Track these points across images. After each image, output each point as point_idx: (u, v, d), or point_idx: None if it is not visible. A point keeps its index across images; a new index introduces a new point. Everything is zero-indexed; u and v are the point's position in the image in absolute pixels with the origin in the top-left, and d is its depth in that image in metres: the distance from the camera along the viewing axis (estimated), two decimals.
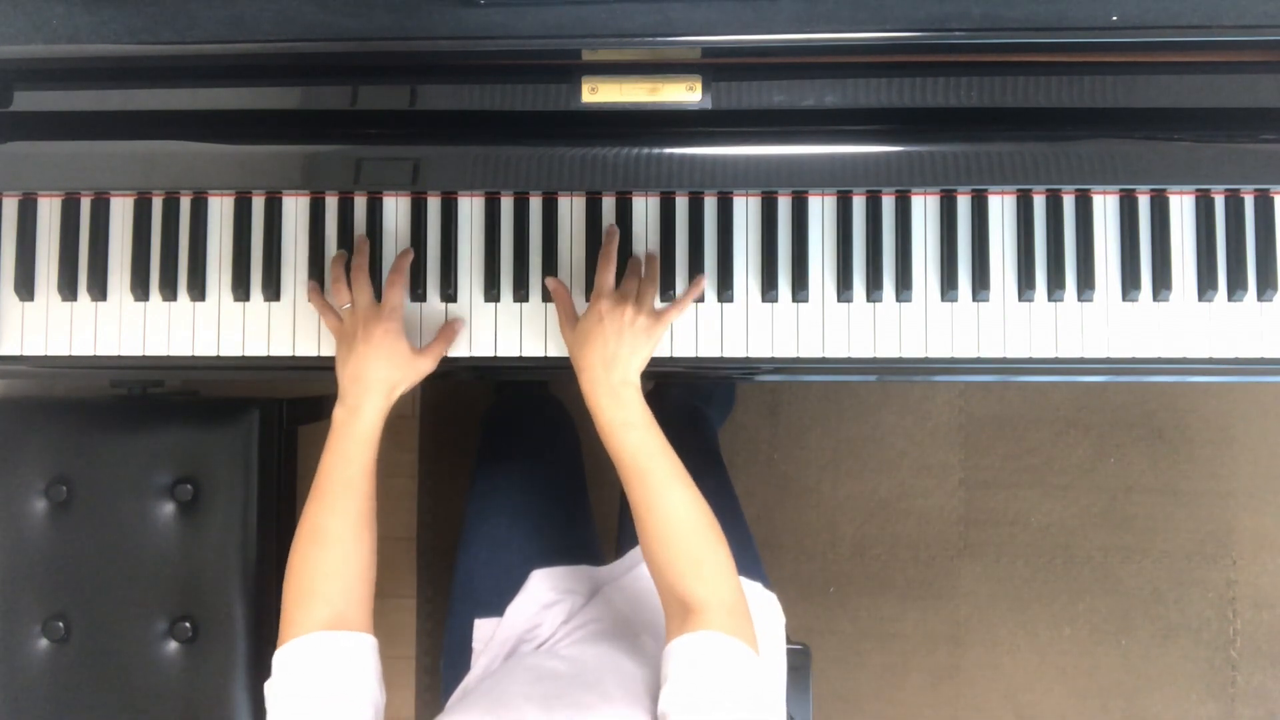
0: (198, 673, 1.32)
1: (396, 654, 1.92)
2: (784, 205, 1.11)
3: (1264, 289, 1.09)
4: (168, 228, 1.12)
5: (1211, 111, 0.98)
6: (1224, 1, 0.88)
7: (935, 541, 1.93)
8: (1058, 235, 1.09)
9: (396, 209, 1.13)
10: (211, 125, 1.01)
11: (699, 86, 0.97)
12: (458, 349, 1.12)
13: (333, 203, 1.13)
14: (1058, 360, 1.10)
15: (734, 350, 1.11)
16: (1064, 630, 1.92)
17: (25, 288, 1.13)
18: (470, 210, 1.13)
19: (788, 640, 1.19)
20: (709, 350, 1.11)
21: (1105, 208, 1.10)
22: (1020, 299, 1.10)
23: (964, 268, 1.10)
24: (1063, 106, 0.97)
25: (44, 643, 1.32)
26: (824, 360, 1.11)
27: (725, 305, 1.11)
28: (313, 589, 0.92)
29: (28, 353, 1.13)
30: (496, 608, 1.14)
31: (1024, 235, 1.10)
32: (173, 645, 1.32)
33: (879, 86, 0.97)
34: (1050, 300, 1.10)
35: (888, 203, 1.11)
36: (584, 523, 1.30)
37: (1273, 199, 1.09)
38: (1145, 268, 1.10)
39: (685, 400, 1.71)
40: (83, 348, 1.13)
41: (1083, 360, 1.10)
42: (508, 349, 1.12)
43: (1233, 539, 1.91)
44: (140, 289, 1.12)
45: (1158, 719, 1.92)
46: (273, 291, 1.12)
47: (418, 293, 1.12)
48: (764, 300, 1.11)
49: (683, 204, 1.12)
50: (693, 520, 0.93)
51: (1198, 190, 1.09)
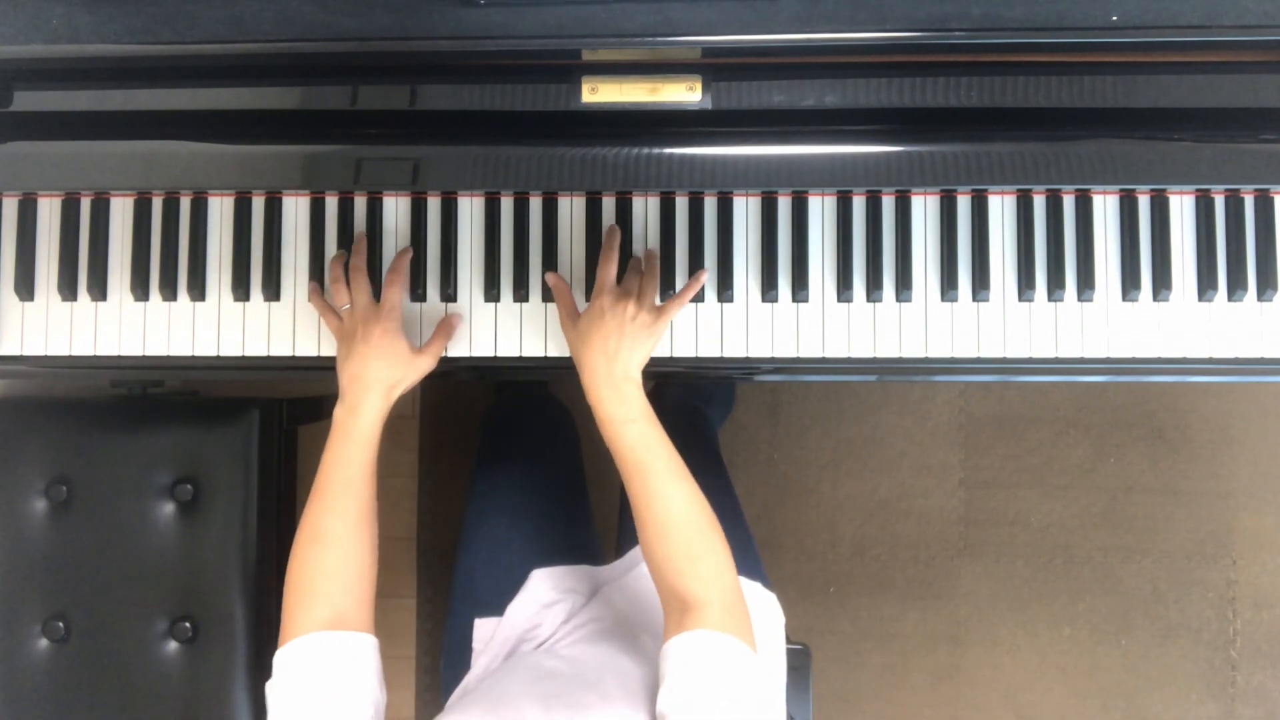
0: (198, 673, 1.32)
1: (396, 654, 1.92)
2: (784, 205, 1.11)
3: (1264, 289, 1.09)
4: (168, 228, 1.12)
5: (1211, 111, 0.98)
6: (1224, 1, 0.88)
7: (935, 541, 1.93)
8: (1058, 235, 1.09)
9: (396, 209, 1.13)
10: (211, 125, 1.01)
11: (699, 86, 0.97)
12: (458, 349, 1.12)
13: (333, 203, 1.13)
14: (1058, 360, 1.10)
15: (734, 350, 1.11)
16: (1064, 630, 1.92)
17: (25, 288, 1.13)
18: (470, 210, 1.13)
19: (788, 640, 1.19)
20: (709, 350, 1.11)
21: (1105, 208, 1.10)
22: (1020, 299, 1.10)
23: (964, 268, 1.10)
24: (1063, 106, 0.97)
25: (44, 643, 1.32)
26: (824, 360, 1.11)
27: (725, 305, 1.11)
28: (313, 589, 0.92)
29: (28, 353, 1.13)
30: (496, 607, 1.14)
31: (1024, 235, 1.10)
32: (173, 645, 1.32)
33: (879, 86, 0.97)
34: (1050, 300, 1.10)
35: (888, 203, 1.11)
36: (584, 522, 1.30)
37: (1273, 199, 1.09)
38: (1145, 268, 1.10)
39: (685, 400, 1.71)
40: (83, 348, 1.13)
41: (1083, 360, 1.10)
42: (508, 349, 1.12)
43: (1233, 539, 1.91)
44: (140, 289, 1.12)
45: (1158, 719, 1.92)
46: (273, 291, 1.12)
47: (418, 293, 1.12)
48: (764, 300, 1.11)
49: (683, 204, 1.12)
50: (692, 516, 0.93)
51: (1198, 190, 1.09)
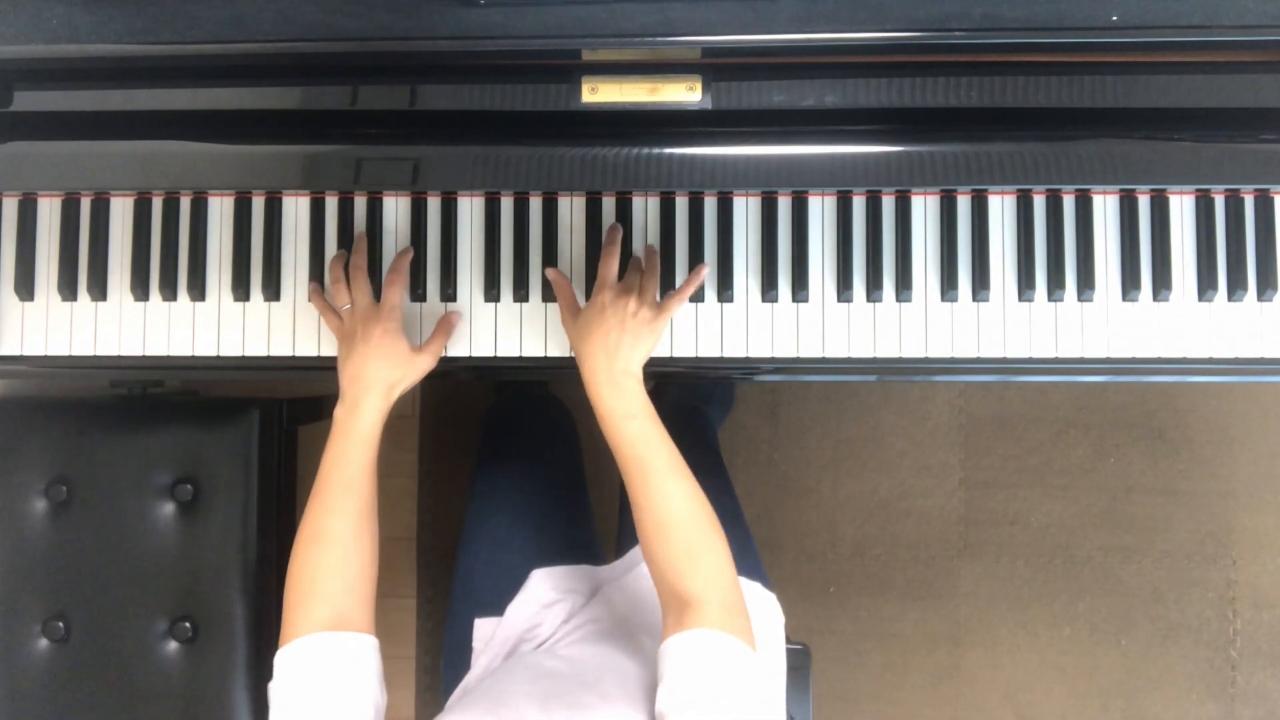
0: (198, 673, 1.32)
1: (396, 654, 1.92)
2: (784, 205, 1.11)
3: (1264, 289, 1.09)
4: (168, 228, 1.12)
5: (1211, 111, 0.98)
6: (1224, 1, 0.88)
7: (935, 541, 1.93)
8: (1058, 235, 1.09)
9: (396, 209, 1.13)
10: (211, 125, 1.01)
11: (699, 86, 0.97)
12: (458, 349, 1.12)
13: (333, 203, 1.13)
14: (1058, 360, 1.10)
15: (734, 350, 1.11)
16: (1064, 630, 1.92)
17: (25, 288, 1.13)
18: (470, 210, 1.13)
19: (788, 640, 1.19)
20: (709, 350, 1.11)
21: (1105, 208, 1.10)
22: (1020, 299, 1.10)
23: (964, 268, 1.10)
24: (1063, 106, 0.97)
25: (44, 643, 1.32)
26: (824, 360, 1.11)
27: (725, 305, 1.11)
28: (314, 589, 0.92)
29: (28, 353, 1.13)
30: (496, 607, 1.14)
31: (1024, 235, 1.10)
32: (173, 645, 1.32)
33: (879, 86, 0.97)
34: (1050, 300, 1.10)
35: (888, 203, 1.11)
36: (584, 522, 1.30)
37: (1273, 199, 1.09)
38: (1145, 268, 1.10)
39: (685, 400, 1.71)
40: (83, 348, 1.13)
41: (1083, 360, 1.10)
42: (508, 349, 1.12)
43: (1233, 539, 1.91)
44: (140, 289, 1.12)
45: (1158, 719, 1.92)
46: (273, 291, 1.12)
47: (418, 292, 1.12)
48: (764, 300, 1.11)
49: (683, 204, 1.12)
50: (692, 514, 0.93)
51: (1198, 190, 1.09)
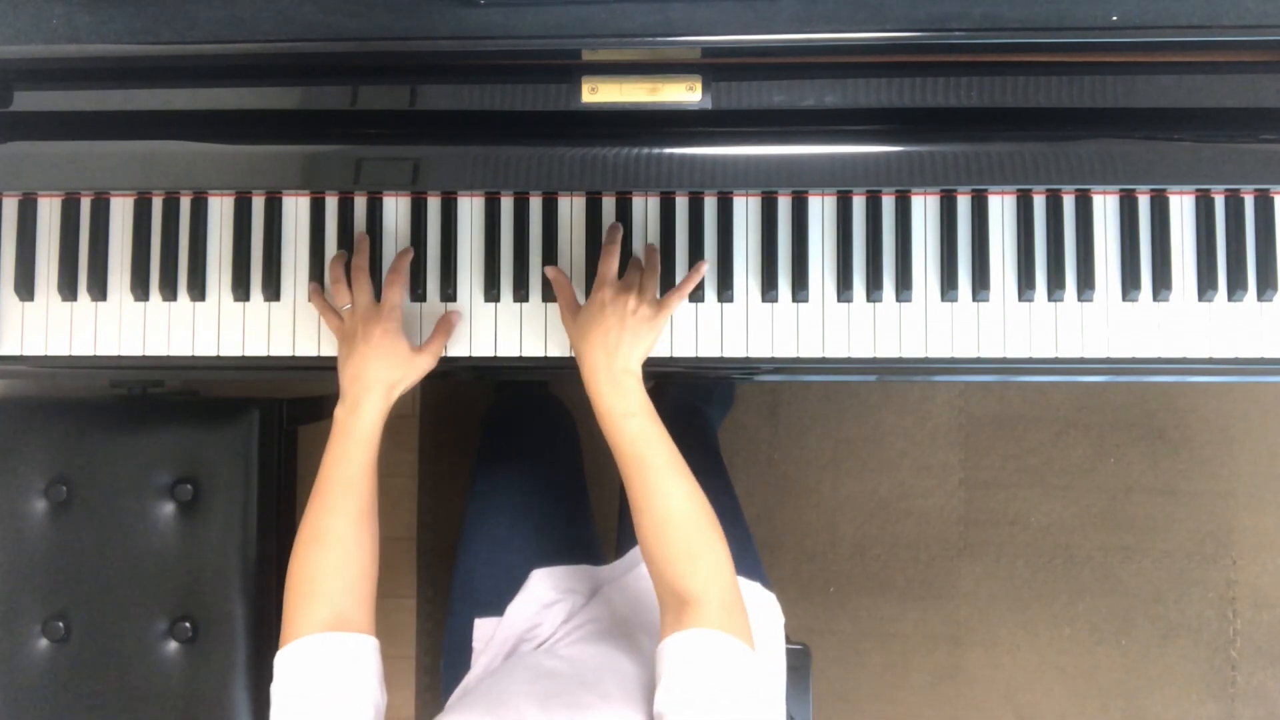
0: (198, 673, 1.32)
1: (396, 654, 1.93)
2: (784, 205, 1.11)
3: (1264, 289, 1.09)
4: (168, 228, 1.12)
5: (1211, 111, 0.97)
6: (1224, 1, 0.88)
7: (935, 541, 1.93)
8: (1058, 235, 1.09)
9: (396, 209, 1.13)
10: (211, 125, 1.01)
11: (699, 86, 0.97)
12: (458, 349, 1.12)
13: (333, 203, 1.13)
14: (1058, 360, 1.10)
15: (734, 350, 1.11)
16: (1064, 630, 1.92)
17: (25, 288, 1.13)
18: (470, 210, 1.13)
19: (788, 640, 1.19)
20: (709, 350, 1.11)
21: (1105, 208, 1.10)
22: (1020, 299, 1.10)
23: (964, 268, 1.10)
24: (1063, 106, 0.97)
25: (44, 643, 1.32)
26: (824, 360, 1.11)
27: (725, 305, 1.11)
28: (314, 589, 0.92)
29: (28, 353, 1.13)
30: (496, 607, 1.14)
31: (1024, 235, 1.10)
32: (173, 645, 1.32)
33: (879, 86, 0.97)
34: (1050, 300, 1.10)
35: (888, 203, 1.11)
36: (584, 522, 1.30)
37: (1273, 199, 1.09)
38: (1145, 268, 1.10)
39: (685, 399, 1.71)
40: (83, 348, 1.13)
41: (1083, 360, 1.10)
42: (508, 349, 1.12)
43: (1233, 539, 1.91)
44: (140, 289, 1.12)
45: (1157, 719, 1.92)
46: (273, 291, 1.12)
47: (418, 293, 1.12)
48: (764, 300, 1.11)
49: (683, 204, 1.12)
50: (691, 513, 0.93)
51: (1198, 190, 1.09)
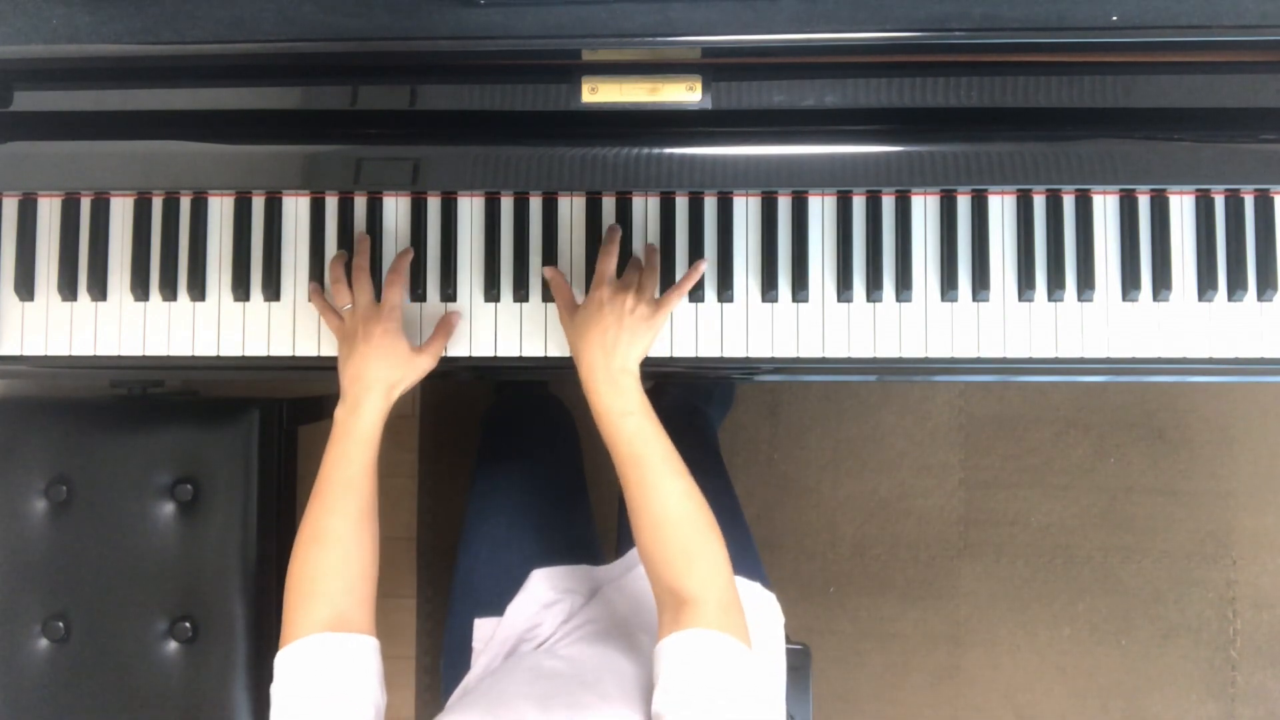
0: (198, 673, 1.32)
1: (396, 654, 1.92)
2: (784, 205, 1.11)
3: (1264, 289, 1.09)
4: (168, 228, 1.12)
5: (1211, 111, 0.97)
6: (1224, 1, 0.88)
7: (935, 541, 1.93)
8: (1058, 235, 1.09)
9: (396, 209, 1.13)
10: (211, 125, 1.01)
11: (699, 86, 0.97)
12: (458, 349, 1.12)
13: (333, 203, 1.13)
14: (1058, 360, 1.10)
15: (734, 350, 1.11)
16: (1064, 630, 1.92)
17: (25, 288, 1.13)
18: (470, 210, 1.13)
19: (788, 640, 1.19)
20: (709, 350, 1.11)
21: (1105, 208, 1.10)
22: (1020, 299, 1.10)
23: (964, 268, 1.10)
24: (1063, 106, 0.97)
25: (44, 643, 1.32)
26: (824, 360, 1.11)
27: (725, 305, 1.11)
28: (314, 589, 0.92)
29: (28, 353, 1.13)
30: (496, 607, 1.14)
31: (1024, 235, 1.10)
32: (173, 645, 1.32)
33: (879, 86, 0.97)
34: (1050, 300, 1.10)
35: (888, 203, 1.11)
36: (584, 522, 1.30)
37: (1273, 199, 1.09)
38: (1145, 268, 1.10)
39: (685, 399, 1.71)
40: (83, 348, 1.13)
41: (1083, 360, 1.10)
42: (508, 349, 1.12)
43: (1233, 539, 1.91)
44: (140, 289, 1.12)
45: (1158, 719, 1.92)
46: (273, 291, 1.12)
47: (418, 293, 1.12)
48: (764, 300, 1.11)
49: (683, 204, 1.12)
50: (689, 512, 0.93)
51: (1198, 190, 1.09)
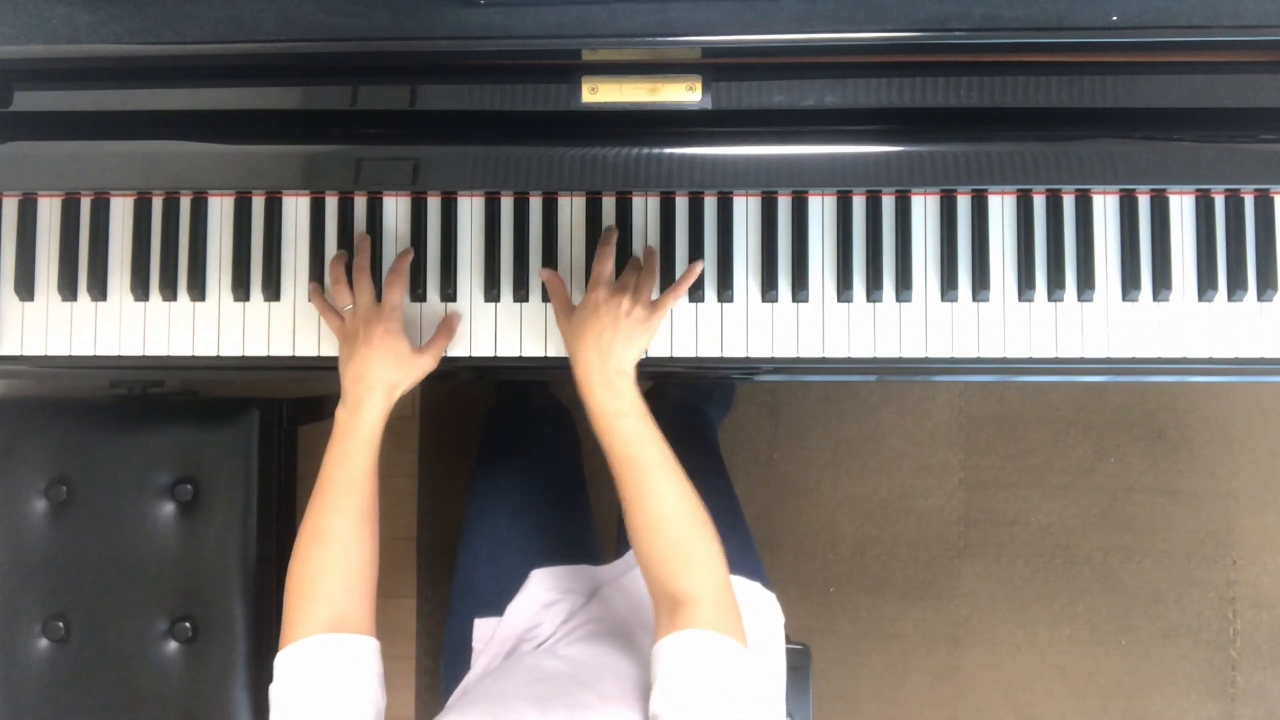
0: (198, 673, 1.32)
1: (396, 654, 1.92)
2: (784, 205, 1.11)
3: (1264, 289, 1.09)
4: (168, 228, 1.12)
5: (1211, 111, 0.97)
6: (1224, 1, 0.88)
7: (935, 541, 1.93)
8: (1058, 235, 1.09)
9: (396, 209, 1.13)
10: (211, 125, 1.01)
11: (699, 86, 0.97)
12: (458, 349, 1.12)
13: (333, 203, 1.13)
14: (1058, 360, 1.10)
15: (734, 350, 1.11)
16: (1064, 630, 1.92)
17: (25, 288, 1.13)
18: (470, 210, 1.13)
19: (788, 640, 1.19)
20: (709, 350, 1.11)
21: (1105, 208, 1.10)
22: (1020, 299, 1.10)
23: (964, 268, 1.10)
24: (1063, 106, 0.97)
25: (44, 643, 1.32)
26: (824, 360, 1.11)
27: (725, 305, 1.11)
28: (314, 589, 0.92)
29: (28, 353, 1.13)
30: (496, 607, 1.14)
31: (1024, 235, 1.10)
32: (173, 645, 1.32)
33: (879, 86, 0.97)
34: (1050, 300, 1.10)
35: (888, 203, 1.11)
36: (584, 522, 1.30)
37: (1273, 199, 1.09)
38: (1145, 268, 1.10)
39: (685, 399, 1.71)
40: (83, 348, 1.13)
41: (1083, 360, 1.10)
42: (508, 349, 1.12)
43: (1233, 539, 1.91)
44: (140, 289, 1.12)
45: (1158, 719, 1.92)
46: (273, 291, 1.12)
47: (418, 293, 1.12)
48: (764, 300, 1.11)
49: (683, 204, 1.12)
50: (684, 513, 0.93)
51: (1198, 190, 1.09)
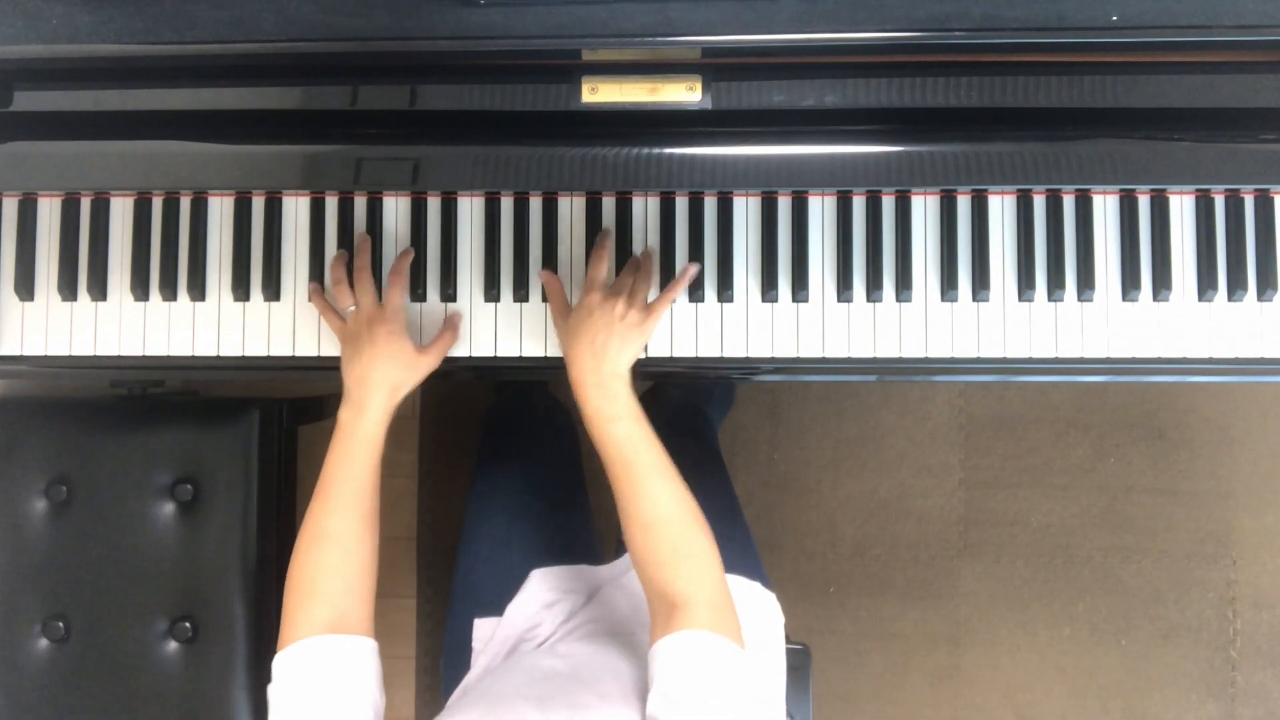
0: (198, 673, 1.32)
1: (396, 654, 1.92)
2: (784, 205, 1.11)
3: (1264, 289, 1.09)
4: (168, 228, 1.12)
5: (1211, 111, 0.97)
6: (1224, 1, 0.88)
7: (935, 541, 1.93)
8: (1058, 235, 1.09)
9: (396, 209, 1.13)
10: (211, 125, 1.01)
11: (699, 86, 0.97)
12: (457, 349, 1.12)
13: (333, 203, 1.13)
14: (1058, 360, 1.10)
15: (734, 350, 1.11)
16: (1064, 630, 1.92)
17: (25, 288, 1.13)
18: (470, 210, 1.13)
19: (788, 640, 1.19)
20: (709, 350, 1.11)
21: (1105, 208, 1.10)
22: (1020, 299, 1.10)
23: (964, 268, 1.10)
24: (1063, 106, 0.97)
25: (44, 643, 1.32)
26: (824, 360, 1.11)
27: (725, 305, 1.11)
28: (313, 589, 0.92)
29: (28, 353, 1.13)
30: (496, 607, 1.14)
31: (1024, 235, 1.10)
32: (173, 645, 1.32)
33: (879, 86, 0.97)
34: (1050, 300, 1.10)
35: (888, 203, 1.11)
36: (583, 522, 1.30)
37: (1273, 199, 1.09)
38: (1145, 268, 1.10)
39: (685, 399, 1.71)
40: (83, 348, 1.13)
41: (1083, 360, 1.10)
42: (508, 349, 1.12)
43: (1233, 539, 1.91)
44: (140, 289, 1.12)
45: (1158, 719, 1.92)
46: (273, 291, 1.12)
47: (418, 293, 1.12)
48: (764, 300, 1.11)
49: (683, 204, 1.12)
50: (679, 515, 0.93)
51: (1198, 190, 1.09)
